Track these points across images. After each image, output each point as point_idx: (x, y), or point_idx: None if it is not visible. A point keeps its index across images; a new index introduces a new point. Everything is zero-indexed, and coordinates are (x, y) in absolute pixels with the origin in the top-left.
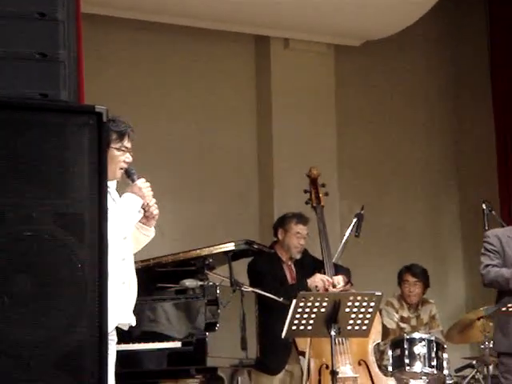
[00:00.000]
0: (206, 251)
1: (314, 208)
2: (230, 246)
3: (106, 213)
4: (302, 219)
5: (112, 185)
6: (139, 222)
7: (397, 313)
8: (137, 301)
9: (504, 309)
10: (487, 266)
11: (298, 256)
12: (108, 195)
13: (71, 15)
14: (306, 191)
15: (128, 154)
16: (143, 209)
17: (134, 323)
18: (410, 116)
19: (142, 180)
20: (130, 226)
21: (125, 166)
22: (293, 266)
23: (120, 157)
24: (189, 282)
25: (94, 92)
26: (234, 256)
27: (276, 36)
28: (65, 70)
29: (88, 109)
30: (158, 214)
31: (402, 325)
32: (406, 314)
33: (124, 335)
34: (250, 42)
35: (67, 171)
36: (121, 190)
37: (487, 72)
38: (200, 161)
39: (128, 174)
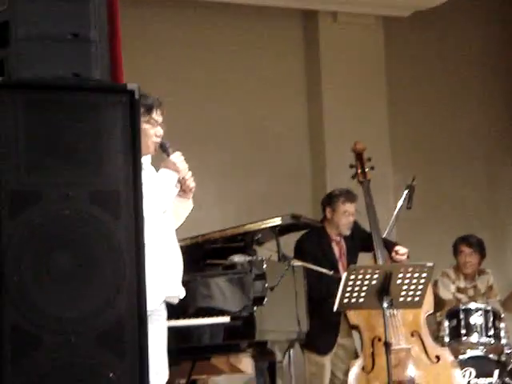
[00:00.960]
0: (253, 226)
1: (360, 183)
2: (277, 221)
3: (142, 189)
4: (349, 197)
5: (146, 160)
6: (178, 196)
7: (453, 284)
8: (185, 277)
9: None
10: None
11: (348, 232)
12: (143, 171)
13: None
14: (351, 166)
15: (159, 128)
16: (179, 182)
17: (182, 295)
18: (464, 86)
19: (177, 154)
20: (167, 201)
21: (157, 139)
22: (342, 240)
23: (150, 130)
24: (237, 258)
25: (140, 71)
26: (282, 231)
27: (324, 10)
28: (96, 50)
29: (120, 87)
30: (194, 186)
31: (459, 295)
32: (462, 284)
33: (171, 311)
34: (298, 17)
35: (102, 149)
36: (156, 166)
37: None
38: (250, 137)
39: (162, 149)
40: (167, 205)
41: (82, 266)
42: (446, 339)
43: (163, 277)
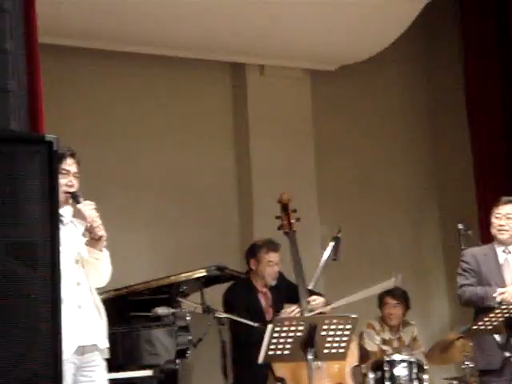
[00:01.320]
0: (177, 278)
1: (286, 234)
2: (202, 272)
3: (59, 241)
4: (271, 247)
5: (65, 211)
6: (88, 246)
7: (378, 335)
8: (109, 330)
9: (475, 327)
10: (462, 285)
11: (274, 283)
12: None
13: (21, 46)
14: (277, 217)
15: (71, 178)
16: (88, 231)
17: (102, 346)
18: (389, 138)
19: (86, 202)
20: (76, 250)
21: (67, 189)
22: (269, 292)
23: (60, 180)
24: (161, 310)
25: (68, 121)
26: (208, 282)
27: (251, 63)
28: (14, 101)
29: (38, 138)
30: (104, 235)
31: (384, 347)
32: (387, 336)
33: None
34: (226, 70)
35: (18, 200)
36: None
37: (463, 92)
38: (179, 187)
39: (73, 198)
40: (77, 254)
41: None
42: None
43: (73, 328)
